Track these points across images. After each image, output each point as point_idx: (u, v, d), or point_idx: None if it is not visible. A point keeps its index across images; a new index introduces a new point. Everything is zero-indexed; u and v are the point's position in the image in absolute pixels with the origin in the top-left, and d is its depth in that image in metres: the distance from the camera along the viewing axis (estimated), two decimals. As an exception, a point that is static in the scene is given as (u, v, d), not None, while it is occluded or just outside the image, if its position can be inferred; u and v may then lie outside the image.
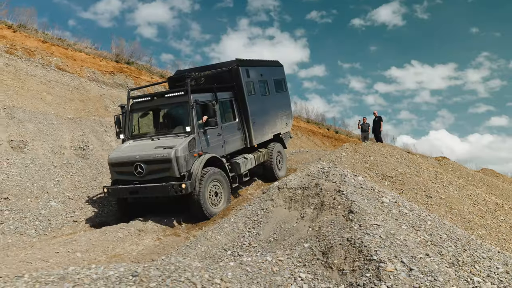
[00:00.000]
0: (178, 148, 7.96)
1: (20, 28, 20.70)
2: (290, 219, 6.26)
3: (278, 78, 12.78)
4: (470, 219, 9.80)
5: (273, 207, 6.82)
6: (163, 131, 8.94)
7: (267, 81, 11.93)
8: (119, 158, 8.31)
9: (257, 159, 10.67)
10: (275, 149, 11.61)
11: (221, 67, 10.51)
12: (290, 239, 5.57)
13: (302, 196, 6.72)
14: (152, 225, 7.61)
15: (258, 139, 10.84)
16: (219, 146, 9.33)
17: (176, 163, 7.86)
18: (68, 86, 16.86)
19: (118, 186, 8.29)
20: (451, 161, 16.18)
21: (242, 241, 5.95)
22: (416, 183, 11.08)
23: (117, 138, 9.47)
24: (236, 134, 10.16)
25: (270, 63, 12.69)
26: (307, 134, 28.86)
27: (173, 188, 7.79)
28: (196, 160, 8.32)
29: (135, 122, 9.33)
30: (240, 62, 10.50)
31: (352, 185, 6.41)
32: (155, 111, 9.43)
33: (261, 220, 6.50)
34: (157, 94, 9.41)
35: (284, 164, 12.26)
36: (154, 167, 7.97)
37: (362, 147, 13.29)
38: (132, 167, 8.05)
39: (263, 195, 7.33)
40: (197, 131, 8.61)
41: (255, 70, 11.28)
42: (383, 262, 4.07)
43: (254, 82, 11.09)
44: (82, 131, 11.62)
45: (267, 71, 11.99)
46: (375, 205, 5.79)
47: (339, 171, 6.95)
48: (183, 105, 8.75)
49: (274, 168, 11.43)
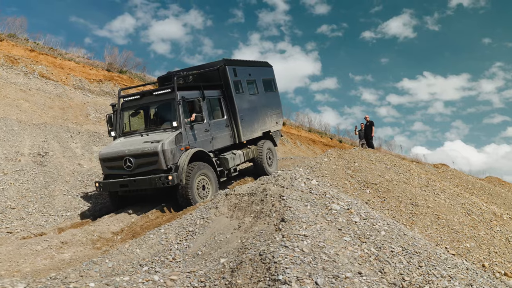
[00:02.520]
0: (165, 141, 8.22)
1: (10, 37, 20.54)
2: (227, 229, 5.42)
3: (267, 78, 12.93)
4: (459, 230, 8.76)
5: (216, 216, 5.99)
6: (152, 128, 9.23)
7: (256, 81, 12.10)
8: (109, 153, 8.62)
9: (246, 155, 10.89)
10: (265, 146, 11.81)
11: (209, 67, 10.75)
12: (216, 252, 4.73)
13: (247, 203, 5.88)
14: (83, 236, 6.83)
15: (247, 135, 11.06)
16: (206, 142, 9.55)
17: (163, 156, 8.14)
18: (49, 94, 16.41)
19: (109, 181, 8.56)
20: (450, 168, 15.06)
21: (166, 255, 5.11)
22: (403, 191, 10.09)
23: (109, 136, 9.78)
24: (224, 131, 10.37)
25: (258, 64, 12.85)
26: (307, 143, 27.97)
27: (160, 180, 8.06)
28: (183, 153, 8.55)
29: (126, 120, 9.61)
30: (227, 61, 10.77)
31: (300, 189, 5.55)
32: (144, 109, 9.64)
33: (197, 231, 5.67)
34: (145, 92, 9.65)
35: (274, 161, 12.42)
36: (142, 160, 8.27)
37: (348, 153, 12.36)
38: (121, 162, 8.33)
39: (208, 203, 6.52)
40: (184, 126, 8.85)
41: (243, 69, 11.49)
42: (288, 284, 3.19)
43: (242, 81, 11.28)
44: (44, 137, 11.00)
45: (255, 71, 12.18)
46: (319, 213, 4.91)
47: (290, 174, 6.09)
48: (170, 102, 9.01)
49: (264, 165, 11.61)
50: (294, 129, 30.20)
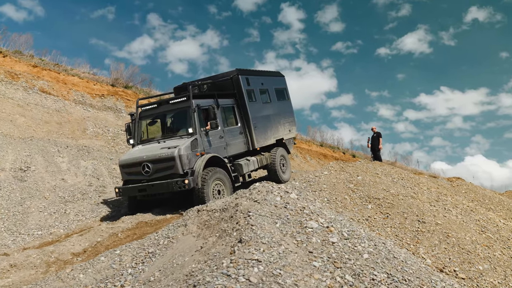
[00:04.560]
0: (181, 147, 8.54)
1: (15, 54, 20.57)
2: (189, 251, 4.70)
3: (280, 87, 13.26)
4: (471, 249, 7.80)
5: (183, 235, 5.29)
6: (169, 135, 9.61)
7: (268, 90, 12.43)
8: (128, 159, 8.98)
9: (259, 162, 11.11)
10: (278, 153, 11.95)
11: (223, 77, 11.12)
12: (166, 279, 4.01)
13: (218, 220, 5.16)
14: (38, 258, 6.17)
15: (260, 142, 11.32)
16: (221, 148, 9.85)
17: (179, 161, 8.44)
18: (48, 108, 16.14)
19: (128, 186, 8.90)
20: (465, 182, 13.99)
21: (114, 281, 4.40)
22: (409, 206, 9.19)
23: (128, 144, 10.14)
24: (238, 138, 10.67)
25: (271, 74, 13.26)
26: (317, 157, 27.11)
27: (177, 184, 8.33)
28: (199, 158, 8.83)
29: (144, 129, 10.04)
30: (240, 71, 11.14)
31: (273, 204, 4.81)
32: (161, 117, 10.07)
33: (158, 252, 4.97)
34: (162, 101, 10.02)
35: (288, 168, 12.54)
36: (160, 165, 8.59)
37: (351, 166, 11.55)
38: (140, 167, 8.69)
39: (179, 220, 5.83)
40: (199, 133, 9.17)
41: (256, 79, 11.86)
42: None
43: (255, 89, 11.61)
44: (29, 152, 10.53)
45: (268, 80, 12.55)
46: (288, 231, 4.16)
47: (267, 187, 5.36)
48: (186, 109, 9.34)
49: (278, 171, 11.73)
50: (305, 143, 29.39)
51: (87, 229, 7.76)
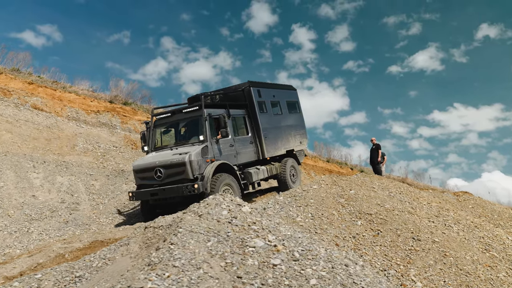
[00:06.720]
0: (192, 153, 8.83)
1: (13, 71, 20.52)
2: (117, 274, 4.00)
3: (291, 100, 13.44)
4: (471, 270, 6.88)
5: (122, 256, 4.60)
6: (181, 142, 9.92)
7: (279, 102, 12.65)
8: (141, 165, 9.31)
9: (269, 171, 11.30)
10: (288, 163, 12.10)
11: (235, 89, 11.50)
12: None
13: (159, 237, 4.48)
14: None
15: (271, 152, 11.53)
16: (231, 156, 10.11)
17: (190, 166, 8.71)
18: (38, 125, 15.80)
19: (141, 190, 9.21)
20: (473, 196, 12.97)
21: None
22: (404, 222, 8.32)
23: (142, 151, 10.53)
24: (248, 147, 10.93)
25: (282, 87, 13.48)
26: (322, 173, 26.22)
27: (187, 189, 8.62)
28: (208, 165, 9.10)
29: (158, 137, 10.41)
30: (252, 83, 11.45)
31: (216, 219, 4.10)
32: (175, 126, 10.42)
33: (86, 276, 4.28)
34: (175, 110, 10.31)
35: (298, 178, 12.63)
36: (171, 171, 8.87)
37: (345, 179, 10.74)
38: (152, 172, 9.01)
39: (124, 238, 5.15)
40: (210, 140, 9.46)
41: (267, 91, 12.13)
42: None
43: (266, 101, 11.86)
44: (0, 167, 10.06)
45: (279, 93, 12.79)
46: (220, 251, 3.45)
47: (217, 200, 4.67)
48: (198, 118, 9.65)
49: (287, 181, 11.85)
50: (311, 159, 28.63)
51: (41, 249, 7.12)
